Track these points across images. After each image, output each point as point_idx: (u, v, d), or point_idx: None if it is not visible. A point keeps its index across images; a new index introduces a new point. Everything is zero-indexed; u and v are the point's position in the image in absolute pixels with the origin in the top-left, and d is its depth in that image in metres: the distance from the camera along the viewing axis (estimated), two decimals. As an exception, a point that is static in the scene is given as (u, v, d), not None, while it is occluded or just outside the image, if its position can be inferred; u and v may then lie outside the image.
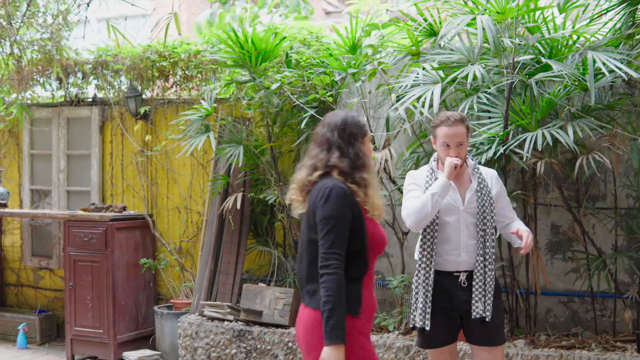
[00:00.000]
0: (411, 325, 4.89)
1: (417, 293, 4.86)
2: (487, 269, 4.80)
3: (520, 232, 4.86)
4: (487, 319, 4.76)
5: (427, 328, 4.77)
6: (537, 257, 6.51)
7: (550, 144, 5.77)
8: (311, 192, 3.94)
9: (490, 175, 5.03)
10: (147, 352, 8.02)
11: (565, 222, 6.76)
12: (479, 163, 5.81)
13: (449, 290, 4.81)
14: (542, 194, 6.73)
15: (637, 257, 6.48)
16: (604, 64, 5.71)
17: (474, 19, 6.06)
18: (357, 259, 3.87)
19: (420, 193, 4.80)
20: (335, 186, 3.83)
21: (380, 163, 6.55)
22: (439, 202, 4.68)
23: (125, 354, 8.01)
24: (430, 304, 4.78)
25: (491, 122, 6.18)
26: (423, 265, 4.81)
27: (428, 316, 4.77)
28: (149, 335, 8.43)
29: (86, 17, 7.07)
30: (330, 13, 17.84)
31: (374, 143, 6.92)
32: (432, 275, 4.79)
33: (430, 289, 4.78)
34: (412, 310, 4.89)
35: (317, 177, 3.94)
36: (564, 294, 6.87)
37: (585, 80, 5.81)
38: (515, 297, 6.67)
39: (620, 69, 5.66)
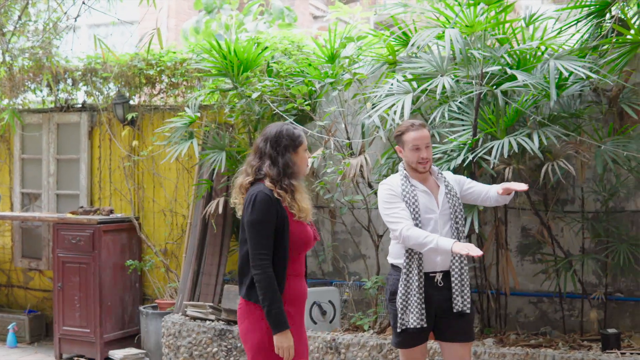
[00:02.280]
0: (403, 327, 4.98)
1: (406, 296, 4.97)
2: (462, 265, 5.00)
3: (503, 188, 5.13)
4: (467, 311, 4.99)
5: (425, 326, 4.94)
6: (506, 258, 6.73)
7: (517, 151, 5.99)
8: (245, 196, 4.40)
9: (448, 177, 5.26)
10: (133, 350, 8.21)
11: (535, 225, 6.96)
12: (449, 169, 6.05)
13: (426, 291, 4.98)
14: (512, 198, 6.92)
15: (603, 259, 6.71)
16: (570, 73, 5.92)
17: (444, 32, 6.28)
18: (278, 253, 4.32)
19: (403, 204, 4.98)
20: (259, 193, 4.29)
21: (356, 169, 6.74)
22: (429, 250, 4.86)
23: (112, 352, 8.21)
24: (424, 305, 4.95)
25: (463, 130, 6.40)
26: (413, 269, 4.95)
27: (424, 316, 4.93)
28: (135, 335, 8.60)
29: (74, 29, 7.26)
30: (317, 17, 18.00)
31: (351, 149, 7.14)
32: (423, 277, 4.96)
33: (422, 291, 4.94)
34: (400, 314, 4.98)
35: (248, 183, 4.42)
36: (534, 295, 7.08)
37: (548, 90, 6.02)
38: (487, 297, 6.90)
39: (587, 76, 5.87)
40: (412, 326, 4.93)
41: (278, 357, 4.29)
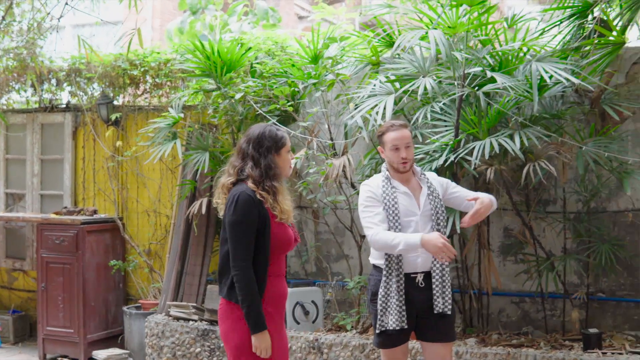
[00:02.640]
0: (382, 329, 4.99)
1: (386, 297, 4.97)
2: (444, 266, 5.00)
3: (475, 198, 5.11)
4: (448, 312, 4.99)
5: (406, 327, 4.95)
6: (488, 259, 6.75)
7: (498, 152, 6.00)
8: (227, 197, 4.41)
9: (432, 178, 5.26)
10: (116, 351, 8.20)
11: (517, 226, 6.97)
12: (430, 169, 6.06)
13: (407, 291, 4.99)
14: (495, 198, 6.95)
15: (585, 259, 6.73)
16: (551, 76, 5.91)
17: (427, 33, 6.29)
18: (260, 254, 4.33)
19: (380, 209, 4.99)
20: (242, 193, 4.30)
21: (339, 169, 6.74)
22: (400, 252, 4.87)
23: (95, 352, 8.20)
24: (404, 306, 4.95)
25: (445, 131, 6.41)
26: (393, 271, 4.95)
27: (404, 318, 4.94)
28: (118, 335, 8.61)
29: (57, 29, 7.27)
30: (302, 18, 18.03)
31: (334, 149, 7.15)
32: (403, 279, 4.96)
33: (402, 292, 4.94)
34: (380, 315, 4.98)
35: (230, 183, 4.44)
36: (516, 295, 7.10)
37: (530, 91, 6.03)
38: (469, 297, 6.92)
39: (567, 79, 5.86)
40: (391, 328, 4.94)
41: (259, 357, 4.31)
